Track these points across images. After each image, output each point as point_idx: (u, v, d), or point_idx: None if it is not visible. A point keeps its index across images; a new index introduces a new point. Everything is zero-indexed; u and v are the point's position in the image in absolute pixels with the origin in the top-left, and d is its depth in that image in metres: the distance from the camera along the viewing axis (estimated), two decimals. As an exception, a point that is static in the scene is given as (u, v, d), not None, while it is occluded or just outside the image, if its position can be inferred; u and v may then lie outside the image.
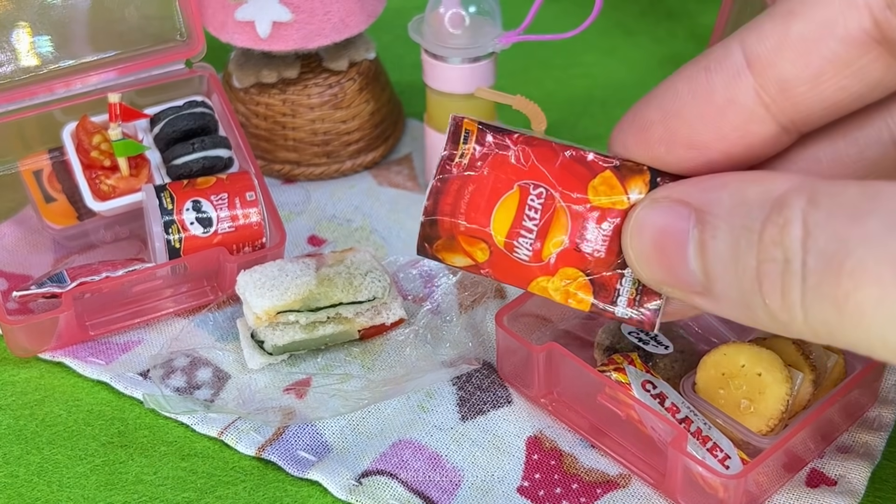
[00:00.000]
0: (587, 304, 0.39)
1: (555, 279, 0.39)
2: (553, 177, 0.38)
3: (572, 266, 0.38)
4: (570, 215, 0.38)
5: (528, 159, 0.39)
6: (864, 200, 0.26)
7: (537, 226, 0.39)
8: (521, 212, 0.39)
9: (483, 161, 0.40)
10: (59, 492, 0.50)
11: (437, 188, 0.40)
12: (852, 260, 0.26)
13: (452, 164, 0.40)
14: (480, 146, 0.40)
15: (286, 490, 0.50)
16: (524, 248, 0.39)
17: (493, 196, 0.39)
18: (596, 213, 0.38)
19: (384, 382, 0.55)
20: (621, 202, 0.37)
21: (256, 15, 0.65)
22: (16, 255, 0.63)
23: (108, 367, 0.56)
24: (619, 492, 0.50)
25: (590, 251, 0.38)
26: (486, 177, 0.40)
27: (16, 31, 0.61)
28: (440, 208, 0.41)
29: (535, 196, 0.39)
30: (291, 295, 0.54)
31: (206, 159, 0.60)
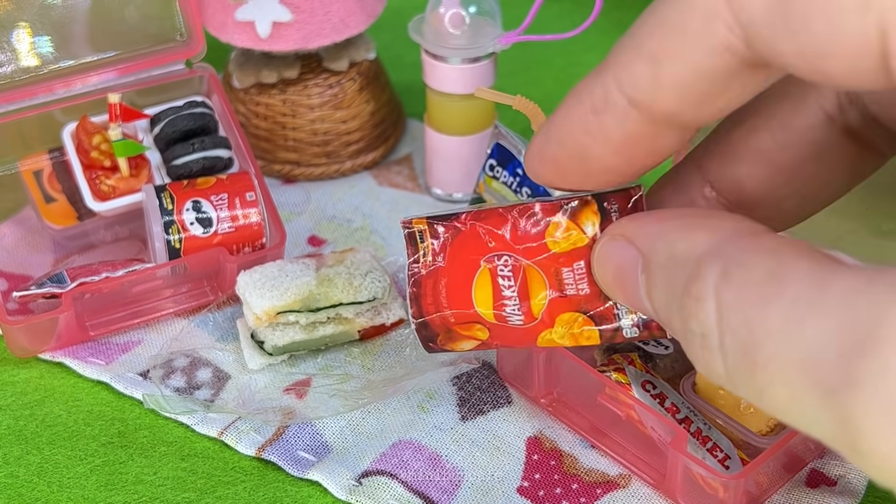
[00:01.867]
0: (596, 335, 0.40)
1: (556, 329, 0.40)
2: (510, 241, 0.40)
3: (566, 311, 0.39)
4: (540, 270, 0.39)
5: (483, 234, 0.40)
6: (771, 283, 0.26)
7: (516, 291, 0.40)
8: (497, 284, 0.40)
9: (444, 252, 0.41)
10: (59, 492, 0.50)
11: (415, 293, 0.42)
12: (762, 354, 0.25)
13: (419, 265, 0.42)
14: (436, 239, 0.41)
15: (286, 490, 0.50)
16: (515, 315, 0.40)
17: (465, 280, 0.41)
18: (562, 258, 0.38)
19: (384, 383, 0.55)
20: (581, 240, 0.38)
21: (256, 15, 0.65)
22: (16, 255, 0.63)
23: (108, 368, 0.56)
24: (619, 492, 0.50)
25: (574, 292, 0.39)
26: (452, 265, 0.41)
27: (16, 31, 0.61)
28: (424, 309, 0.42)
29: (501, 266, 0.40)
30: (291, 295, 0.54)
31: (206, 159, 0.60)
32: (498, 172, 0.60)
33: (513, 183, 0.59)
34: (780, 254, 0.26)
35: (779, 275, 0.25)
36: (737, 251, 0.27)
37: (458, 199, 0.67)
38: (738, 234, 0.28)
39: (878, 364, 0.22)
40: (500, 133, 0.61)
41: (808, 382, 0.24)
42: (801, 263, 0.25)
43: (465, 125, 0.65)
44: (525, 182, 0.59)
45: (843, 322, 0.24)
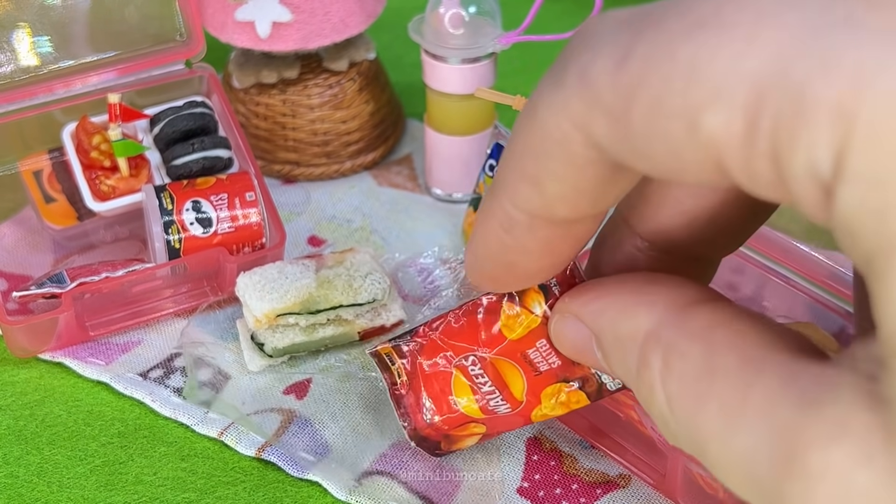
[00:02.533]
0: (584, 397, 0.41)
1: (544, 404, 0.41)
2: (469, 342, 0.41)
3: (547, 386, 0.40)
4: (507, 359, 0.40)
5: (443, 342, 0.42)
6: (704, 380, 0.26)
7: (493, 385, 0.41)
8: (473, 383, 0.42)
9: (414, 368, 0.43)
10: (58, 492, 0.50)
11: (403, 413, 0.43)
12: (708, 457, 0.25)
13: (398, 386, 0.43)
14: (404, 359, 0.43)
15: (286, 491, 0.50)
16: (501, 406, 0.41)
17: (443, 387, 0.42)
18: (522, 342, 0.39)
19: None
20: (533, 321, 0.39)
21: (256, 15, 0.65)
22: (15, 255, 0.63)
23: (108, 368, 0.56)
24: (619, 492, 0.50)
25: (547, 367, 0.40)
26: (427, 378, 0.42)
27: (16, 31, 0.61)
28: (417, 425, 0.43)
29: (471, 366, 0.41)
30: (291, 297, 0.54)
31: (205, 159, 0.60)
32: (498, 172, 0.60)
33: (513, 183, 0.59)
34: (712, 341, 0.26)
35: (710, 370, 0.26)
36: (674, 335, 0.27)
37: (458, 198, 0.67)
38: (675, 312, 0.28)
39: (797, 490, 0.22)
40: (500, 133, 0.61)
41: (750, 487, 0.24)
42: (729, 357, 0.25)
43: (465, 125, 0.65)
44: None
45: (766, 436, 0.23)
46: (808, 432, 0.22)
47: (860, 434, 0.21)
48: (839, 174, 0.20)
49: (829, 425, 0.22)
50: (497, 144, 0.60)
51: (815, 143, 0.20)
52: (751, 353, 0.25)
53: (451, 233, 0.65)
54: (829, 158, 0.20)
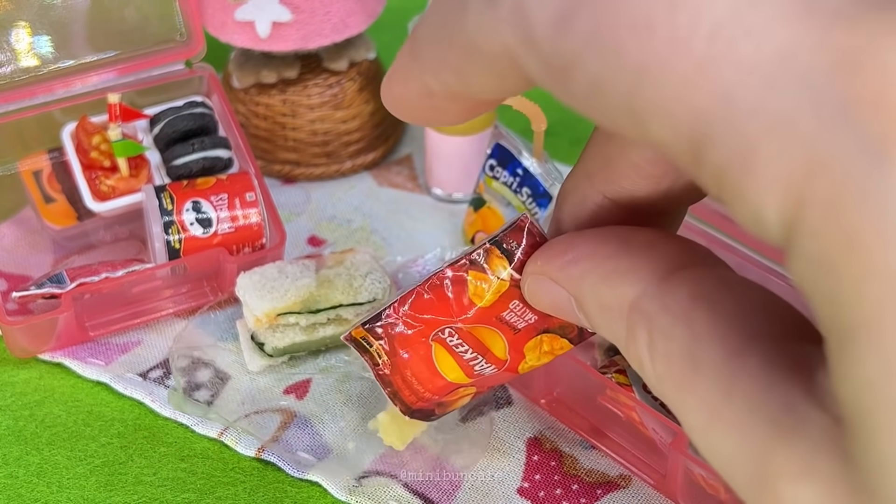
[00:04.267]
0: (566, 343, 0.41)
1: (528, 357, 0.42)
2: (442, 314, 0.41)
3: (528, 340, 0.40)
4: (483, 325, 0.40)
5: (415, 318, 0.42)
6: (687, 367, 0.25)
7: (475, 351, 0.41)
8: (455, 353, 0.42)
9: (392, 348, 0.43)
10: (58, 493, 0.50)
11: (392, 392, 0.43)
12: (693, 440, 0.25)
13: (379, 367, 0.43)
14: (379, 339, 0.43)
15: (286, 491, 0.50)
16: (487, 368, 0.42)
17: (426, 362, 0.42)
18: (495, 307, 0.40)
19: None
20: (501, 285, 0.39)
21: (256, 15, 0.65)
22: (15, 255, 0.63)
23: (108, 368, 0.56)
24: (620, 492, 0.50)
25: (524, 324, 0.40)
26: (408, 355, 0.42)
27: (16, 31, 0.61)
28: (408, 401, 0.43)
29: (448, 337, 0.42)
30: (291, 297, 0.54)
31: (205, 160, 0.60)
32: (498, 172, 0.60)
33: (513, 183, 0.59)
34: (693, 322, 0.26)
35: (693, 359, 0.25)
36: (657, 312, 0.27)
37: (458, 199, 0.67)
38: (656, 280, 0.28)
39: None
40: (500, 133, 0.61)
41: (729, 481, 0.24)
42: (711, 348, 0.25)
43: (465, 125, 0.65)
44: (525, 182, 0.59)
45: (743, 448, 0.23)
46: (780, 460, 0.22)
47: (826, 479, 0.22)
48: (789, 247, 0.20)
49: (799, 460, 0.22)
50: (497, 144, 0.60)
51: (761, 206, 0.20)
52: (732, 345, 0.25)
53: (452, 233, 0.65)
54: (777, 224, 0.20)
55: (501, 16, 0.23)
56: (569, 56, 0.22)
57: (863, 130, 0.19)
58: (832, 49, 0.19)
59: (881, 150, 0.19)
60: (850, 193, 0.19)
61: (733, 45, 0.20)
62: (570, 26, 0.22)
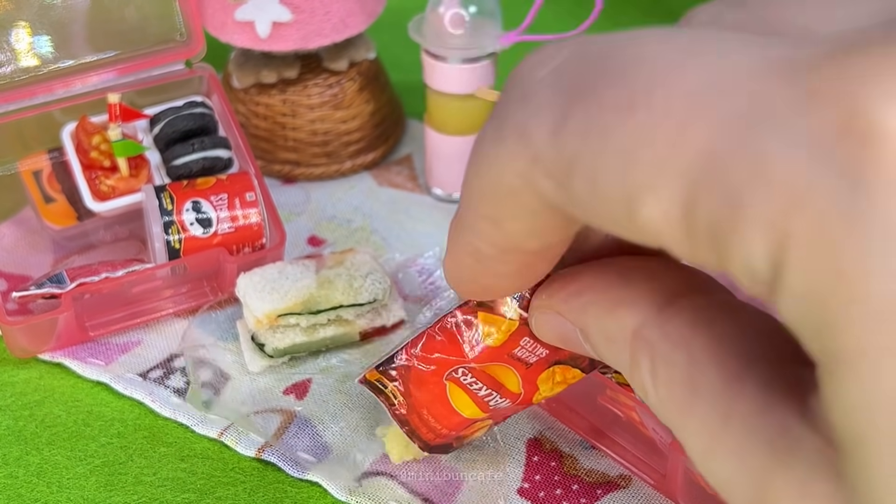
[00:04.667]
0: (578, 373, 0.41)
1: (542, 388, 0.42)
2: (453, 355, 0.42)
3: (542, 372, 0.41)
4: (498, 364, 0.40)
5: (427, 360, 0.42)
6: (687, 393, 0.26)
7: (489, 388, 0.42)
8: (469, 391, 0.42)
9: (407, 389, 0.43)
10: (58, 493, 0.50)
11: (409, 430, 0.44)
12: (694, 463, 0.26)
13: (396, 407, 0.43)
14: (394, 381, 0.44)
15: (286, 491, 0.50)
16: (501, 403, 0.42)
17: (442, 401, 0.42)
18: (506, 346, 0.40)
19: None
20: (511, 325, 0.39)
21: (256, 15, 0.65)
22: (15, 255, 0.63)
23: (108, 368, 0.56)
24: (620, 493, 0.50)
25: (536, 359, 0.40)
26: (423, 395, 0.43)
27: (16, 31, 0.60)
28: (427, 439, 0.44)
29: (462, 377, 0.42)
30: (292, 298, 0.54)
31: (205, 160, 0.60)
32: (498, 173, 0.60)
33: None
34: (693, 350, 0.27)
35: (692, 385, 0.26)
36: (658, 338, 0.28)
37: (458, 199, 0.67)
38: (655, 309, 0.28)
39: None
40: (500, 133, 0.61)
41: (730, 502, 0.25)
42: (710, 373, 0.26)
43: (465, 125, 0.65)
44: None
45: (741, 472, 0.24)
46: (777, 484, 0.23)
47: (822, 501, 0.22)
48: (776, 286, 0.20)
49: (795, 484, 0.22)
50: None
51: (750, 253, 0.20)
52: (730, 369, 0.25)
53: (452, 233, 0.65)
54: (765, 268, 0.20)
55: (509, 145, 0.25)
56: (568, 157, 0.23)
57: (837, 160, 0.19)
58: (800, 90, 0.20)
59: (856, 176, 0.19)
60: (831, 223, 0.19)
61: (708, 106, 0.21)
62: (565, 130, 0.23)
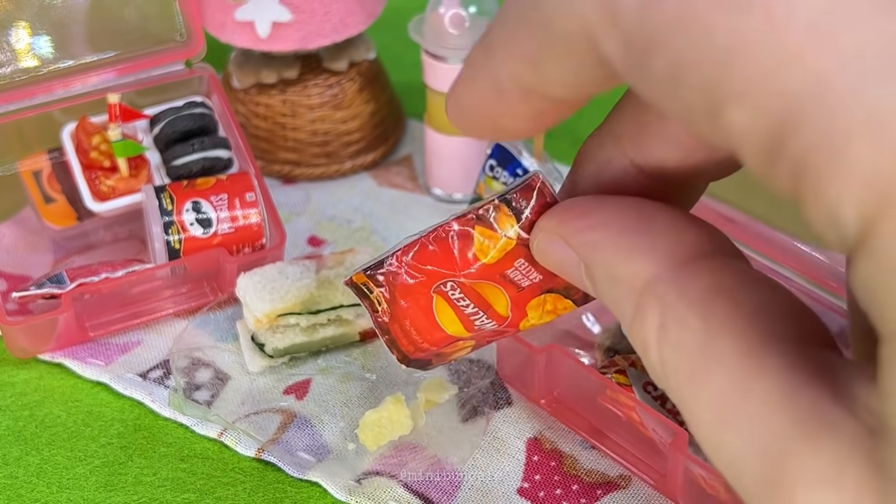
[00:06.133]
0: (570, 304, 0.40)
1: (530, 315, 0.41)
2: (444, 267, 0.41)
3: (531, 299, 0.40)
4: (487, 281, 0.40)
5: (417, 269, 0.41)
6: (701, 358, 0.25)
7: (476, 307, 0.41)
8: (456, 307, 0.41)
9: (393, 296, 0.42)
10: (58, 493, 0.50)
11: (389, 340, 0.42)
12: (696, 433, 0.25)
13: (378, 314, 0.42)
14: (380, 287, 0.43)
15: (286, 491, 0.50)
16: (487, 324, 0.41)
17: (426, 313, 0.41)
18: (499, 264, 0.39)
19: (385, 384, 0.55)
20: (508, 243, 0.38)
21: (256, 15, 0.65)
22: (15, 255, 0.63)
23: (108, 368, 0.56)
24: (620, 493, 0.50)
25: (528, 283, 0.39)
26: (408, 304, 0.41)
27: (15, 31, 0.60)
28: (405, 349, 0.43)
29: (450, 290, 0.41)
30: (292, 298, 0.54)
31: (205, 160, 0.60)
32: (498, 173, 0.60)
33: (513, 183, 0.59)
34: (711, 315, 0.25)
35: (708, 351, 0.25)
36: (673, 297, 0.26)
37: (458, 199, 0.67)
38: (675, 265, 0.27)
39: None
40: (500, 133, 0.61)
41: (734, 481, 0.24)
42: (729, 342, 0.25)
43: (465, 125, 0.65)
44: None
45: (757, 449, 0.23)
46: (801, 464, 0.22)
47: (853, 490, 0.21)
48: (861, 245, 0.19)
49: (824, 467, 0.22)
50: (497, 145, 0.60)
51: (841, 200, 0.19)
52: (752, 342, 0.24)
53: (452, 233, 0.65)
54: (853, 222, 0.19)
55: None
56: (654, 34, 0.21)
57: None
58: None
59: None
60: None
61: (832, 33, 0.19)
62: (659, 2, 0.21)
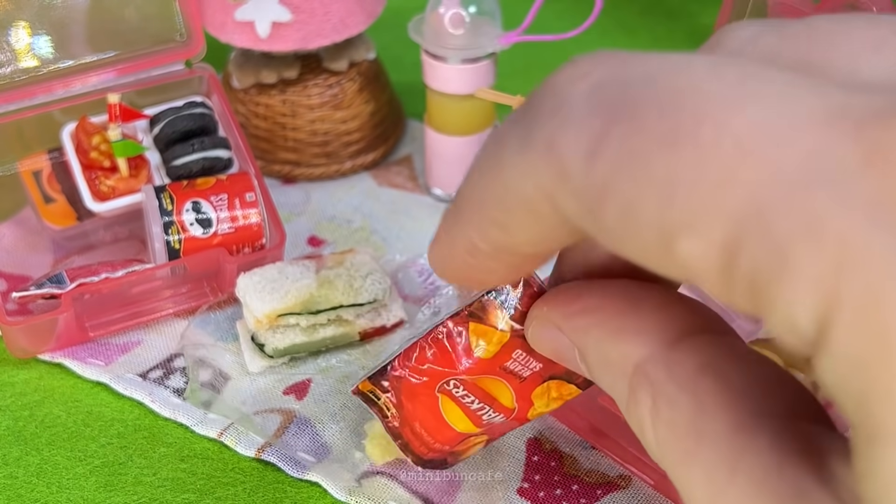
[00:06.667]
0: (574, 389, 0.41)
1: (537, 404, 0.41)
2: (445, 366, 0.41)
3: (535, 388, 0.40)
4: (490, 377, 0.40)
5: (419, 371, 0.41)
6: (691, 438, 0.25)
7: (481, 402, 0.41)
8: (462, 404, 0.41)
9: (399, 401, 0.43)
10: (58, 493, 0.50)
11: (402, 444, 0.43)
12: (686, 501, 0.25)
13: (388, 420, 0.43)
14: (387, 393, 0.43)
15: (286, 491, 0.50)
16: (496, 417, 0.41)
17: (434, 414, 0.42)
18: (497, 358, 0.39)
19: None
20: (502, 337, 0.39)
21: (256, 15, 0.65)
22: (15, 255, 0.63)
23: (108, 368, 0.56)
24: (620, 493, 0.50)
25: (529, 373, 0.40)
26: (415, 408, 0.42)
27: (15, 31, 0.60)
28: (419, 453, 0.43)
29: (454, 389, 0.41)
30: (292, 298, 0.54)
31: (205, 160, 0.60)
32: (498, 173, 0.60)
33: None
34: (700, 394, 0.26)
35: (698, 431, 0.25)
36: (663, 379, 0.27)
37: (458, 199, 0.67)
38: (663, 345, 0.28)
39: None
40: (500, 133, 0.61)
41: None
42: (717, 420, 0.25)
43: (465, 125, 0.65)
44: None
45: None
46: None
47: None
48: (819, 345, 0.20)
49: None
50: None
51: (794, 309, 0.20)
52: (739, 418, 0.25)
53: (452, 233, 0.65)
54: (809, 326, 0.20)
55: (535, 156, 0.24)
56: (601, 182, 0.22)
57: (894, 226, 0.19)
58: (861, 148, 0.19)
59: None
60: (883, 290, 0.18)
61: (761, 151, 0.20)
62: (600, 154, 0.22)
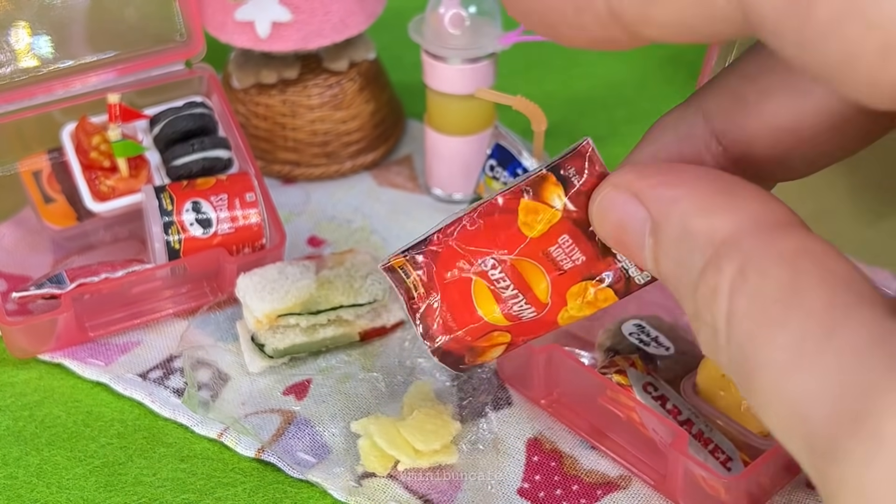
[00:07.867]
0: (611, 294, 0.38)
1: (570, 304, 0.38)
2: (486, 245, 0.39)
3: (573, 284, 0.38)
4: (529, 259, 0.38)
5: (459, 248, 0.39)
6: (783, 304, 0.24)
7: (516, 289, 0.39)
8: (495, 288, 0.39)
9: (430, 280, 0.40)
10: (58, 493, 0.50)
11: (423, 329, 0.41)
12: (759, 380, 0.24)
13: (414, 300, 0.41)
14: (419, 270, 0.40)
15: (286, 492, 0.50)
16: (526, 310, 0.39)
17: (464, 297, 0.40)
18: (543, 240, 0.37)
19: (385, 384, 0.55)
20: (553, 216, 0.36)
21: (256, 15, 0.65)
22: (15, 256, 0.63)
23: (108, 369, 0.56)
24: (620, 493, 0.50)
25: (571, 265, 0.37)
26: (445, 288, 0.40)
27: (15, 31, 0.60)
28: (436, 337, 0.41)
29: (491, 270, 0.39)
30: (292, 298, 0.54)
31: (205, 160, 0.60)
32: (498, 173, 0.60)
33: (513, 183, 0.59)
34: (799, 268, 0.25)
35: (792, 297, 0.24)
36: (757, 250, 0.25)
37: (458, 199, 0.67)
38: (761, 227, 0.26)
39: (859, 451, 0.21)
40: (500, 133, 0.61)
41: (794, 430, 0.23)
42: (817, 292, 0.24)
43: (465, 125, 0.65)
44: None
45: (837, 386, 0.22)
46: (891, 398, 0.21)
47: None
48: None
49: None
50: (497, 145, 0.60)
51: None
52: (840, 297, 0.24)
53: (452, 233, 0.65)
54: None
55: None
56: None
57: None
58: None
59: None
60: None
61: None
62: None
